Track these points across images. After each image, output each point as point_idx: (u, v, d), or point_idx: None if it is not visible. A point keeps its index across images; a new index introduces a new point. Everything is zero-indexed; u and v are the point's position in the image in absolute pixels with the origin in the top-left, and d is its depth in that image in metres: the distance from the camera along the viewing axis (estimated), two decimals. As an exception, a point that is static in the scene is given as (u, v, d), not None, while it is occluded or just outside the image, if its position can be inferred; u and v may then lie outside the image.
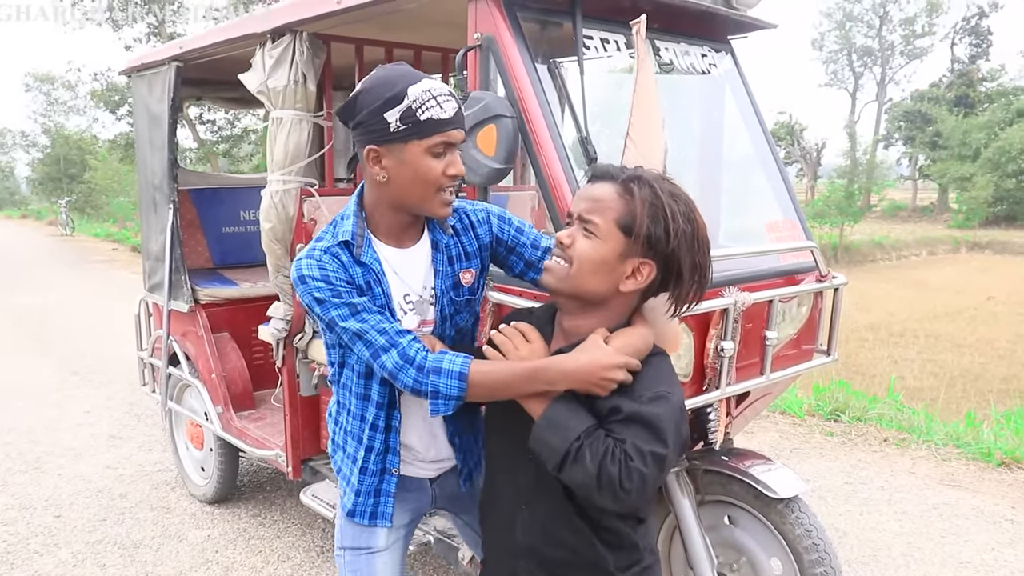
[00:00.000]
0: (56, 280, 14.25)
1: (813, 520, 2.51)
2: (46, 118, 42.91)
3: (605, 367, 1.59)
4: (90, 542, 3.93)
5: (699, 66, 2.98)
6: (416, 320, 1.89)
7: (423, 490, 2.05)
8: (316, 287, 1.72)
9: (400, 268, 1.86)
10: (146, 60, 4.16)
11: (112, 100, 23.02)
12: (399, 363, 1.71)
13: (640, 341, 1.67)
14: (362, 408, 1.91)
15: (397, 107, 1.67)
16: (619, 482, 1.49)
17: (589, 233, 1.61)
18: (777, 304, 2.67)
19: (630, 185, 1.60)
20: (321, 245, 1.78)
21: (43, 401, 6.43)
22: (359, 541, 2.00)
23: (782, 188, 3.07)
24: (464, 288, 1.95)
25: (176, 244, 4.06)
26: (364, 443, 1.92)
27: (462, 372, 1.69)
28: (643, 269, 1.62)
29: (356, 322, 1.72)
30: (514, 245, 1.99)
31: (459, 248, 1.94)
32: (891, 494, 4.55)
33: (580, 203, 1.65)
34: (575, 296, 1.67)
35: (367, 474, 1.94)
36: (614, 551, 1.71)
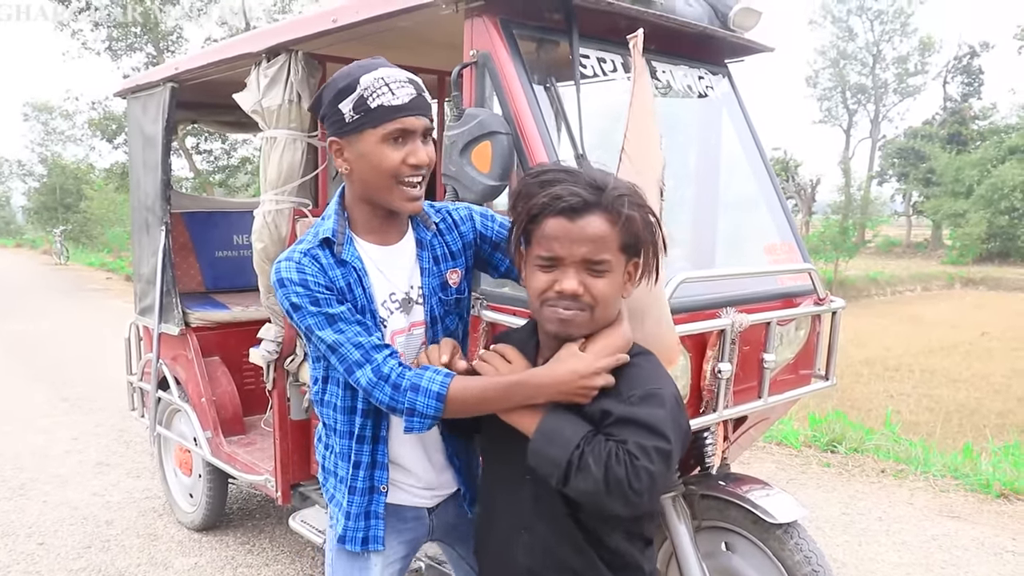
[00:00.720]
0: (49, 308, 14.18)
1: (813, 546, 2.45)
2: (43, 147, 43.11)
3: (582, 375, 1.55)
4: (73, 570, 3.85)
5: (696, 88, 2.97)
6: (405, 321, 1.83)
7: (420, 520, 1.96)
8: (294, 291, 1.67)
9: (384, 266, 1.80)
10: (141, 81, 4.16)
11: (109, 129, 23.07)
12: (373, 380, 1.66)
13: (619, 340, 1.63)
14: (349, 423, 1.84)
15: (349, 97, 1.65)
16: (628, 483, 1.43)
17: (602, 272, 1.55)
18: (775, 327, 2.64)
19: (618, 210, 1.54)
20: (301, 247, 1.73)
21: (31, 427, 6.34)
22: (352, 571, 1.90)
23: (779, 211, 3.05)
24: (452, 288, 1.89)
25: (168, 266, 4.02)
26: (351, 459, 1.85)
27: (440, 392, 1.64)
28: (631, 269, 1.63)
29: (332, 333, 1.67)
30: (499, 241, 1.94)
31: (444, 247, 1.89)
32: (889, 524, 4.49)
33: (577, 247, 1.53)
34: (595, 329, 1.62)
35: (356, 493, 1.86)
36: (618, 573, 1.66)
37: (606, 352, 1.59)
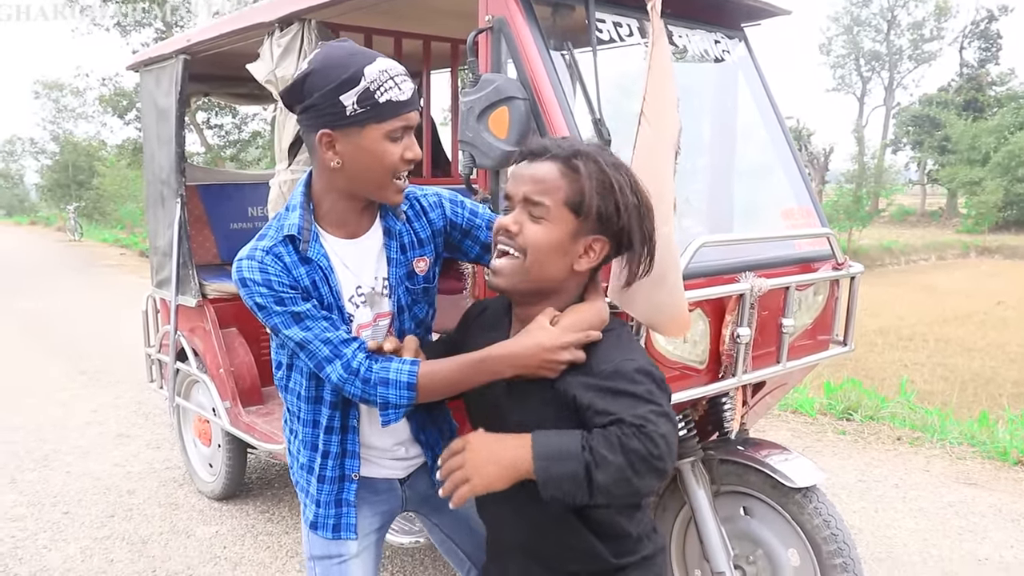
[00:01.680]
0: (64, 284, 14.28)
1: (831, 510, 2.46)
2: (55, 125, 43.13)
3: (548, 348, 1.53)
4: (98, 538, 3.90)
5: (713, 52, 2.94)
6: (370, 314, 1.80)
7: (392, 491, 1.96)
8: (258, 292, 1.63)
9: (350, 260, 1.77)
10: (153, 54, 4.15)
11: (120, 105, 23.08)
12: (343, 375, 1.65)
13: (593, 315, 1.60)
14: (314, 412, 1.82)
15: (353, 89, 1.58)
16: (649, 453, 1.40)
17: (538, 217, 1.54)
18: (793, 292, 2.63)
19: (574, 161, 1.53)
20: (263, 244, 1.68)
21: (50, 400, 6.41)
22: (328, 550, 1.90)
23: (797, 176, 3.02)
24: (419, 277, 1.86)
25: (184, 238, 4.03)
26: (320, 449, 1.83)
27: (410, 382, 1.64)
28: (596, 246, 1.57)
29: (300, 330, 1.65)
30: (469, 228, 1.92)
31: (412, 235, 1.86)
32: (906, 492, 4.49)
33: (522, 185, 1.56)
34: (532, 287, 1.60)
35: (325, 482, 1.85)
36: (606, 541, 1.64)
37: (576, 327, 1.56)
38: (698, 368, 2.42)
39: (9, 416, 5.96)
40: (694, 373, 2.42)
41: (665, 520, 2.85)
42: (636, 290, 1.93)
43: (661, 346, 2.27)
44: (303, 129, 1.70)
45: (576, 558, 1.64)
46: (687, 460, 2.61)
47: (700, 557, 2.74)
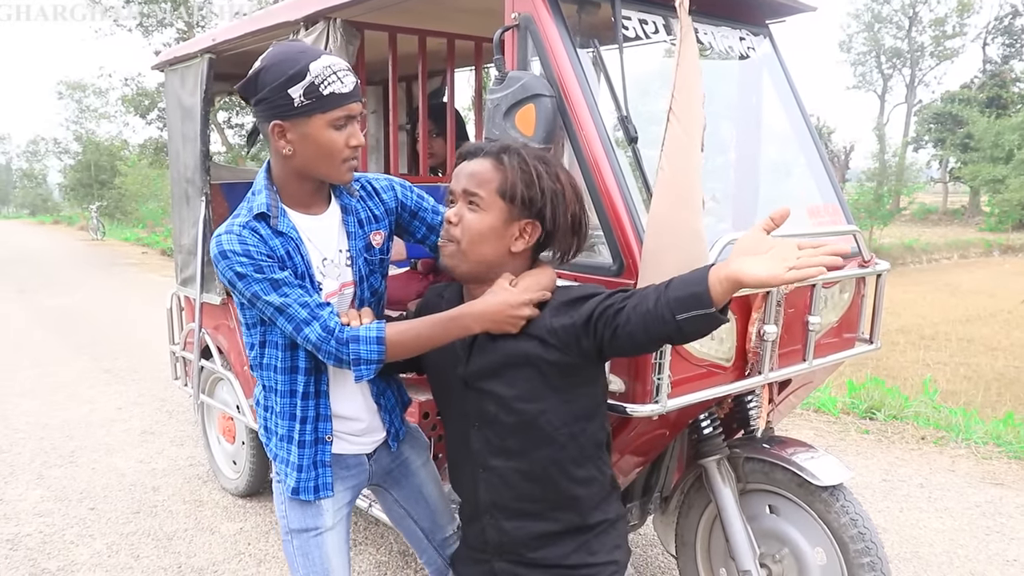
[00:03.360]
0: (87, 283, 14.42)
1: (858, 509, 2.44)
2: (78, 125, 43.57)
3: (512, 305, 1.74)
4: (124, 533, 3.94)
5: (738, 49, 2.93)
6: (336, 283, 1.97)
7: (361, 466, 2.12)
8: (238, 262, 1.76)
9: (314, 235, 1.92)
10: (179, 53, 4.17)
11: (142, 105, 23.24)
12: (322, 335, 1.79)
13: (544, 278, 1.83)
14: (290, 383, 1.96)
15: (300, 83, 1.74)
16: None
17: (474, 206, 1.77)
18: (820, 289, 2.61)
19: (501, 156, 1.78)
20: (239, 221, 1.82)
21: (76, 398, 6.48)
22: (306, 522, 2.04)
23: (822, 172, 3.01)
24: (376, 249, 2.05)
25: (208, 237, 4.06)
26: (298, 416, 1.97)
27: (379, 336, 1.81)
28: (528, 228, 1.80)
29: (278, 296, 1.78)
30: (416, 210, 2.12)
31: (367, 211, 2.04)
32: (931, 491, 4.46)
33: (460, 181, 1.81)
34: (474, 268, 1.81)
35: (304, 447, 1.99)
36: (582, 487, 1.84)
37: (533, 288, 1.78)
38: (724, 366, 2.41)
39: (37, 413, 6.03)
40: (720, 371, 2.41)
41: (690, 518, 2.84)
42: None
43: (688, 343, 2.27)
44: (258, 120, 1.87)
45: (548, 513, 1.83)
46: (713, 458, 2.60)
47: (725, 555, 2.74)
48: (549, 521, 1.82)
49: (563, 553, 1.83)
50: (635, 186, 2.26)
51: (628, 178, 2.23)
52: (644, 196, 2.27)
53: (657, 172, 1.98)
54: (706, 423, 2.62)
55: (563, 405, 1.78)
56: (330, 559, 2.05)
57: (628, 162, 2.31)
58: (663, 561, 3.59)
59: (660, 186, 1.97)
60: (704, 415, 2.61)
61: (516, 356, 1.78)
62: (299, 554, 2.05)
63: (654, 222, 1.98)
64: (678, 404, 2.22)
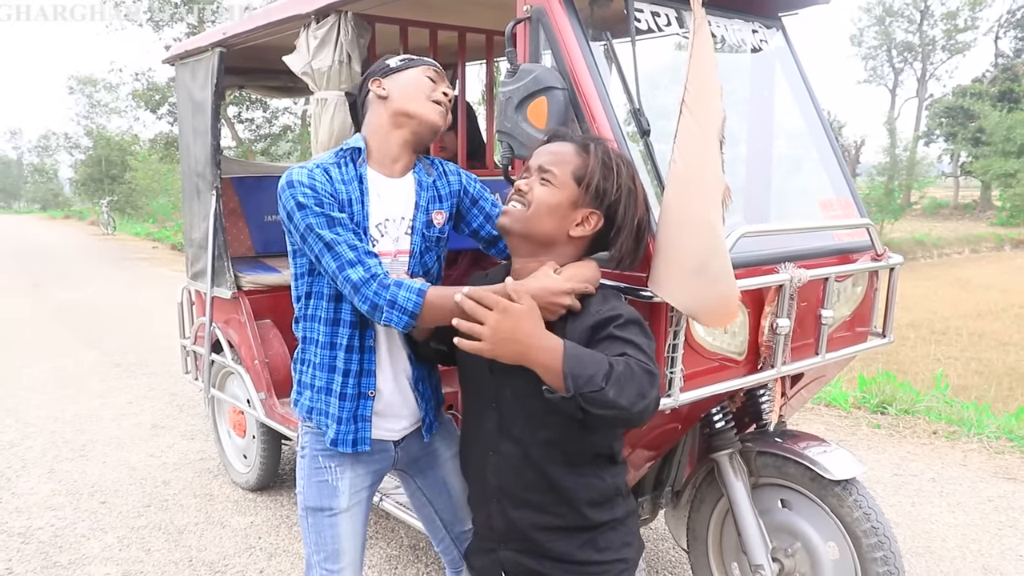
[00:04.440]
0: (98, 277, 14.48)
1: (872, 503, 2.43)
2: (88, 120, 43.71)
3: (554, 292, 1.71)
4: (135, 527, 3.96)
5: (750, 42, 2.91)
6: (392, 246, 2.04)
7: (386, 452, 2.14)
8: (302, 191, 1.86)
9: (384, 193, 2.02)
10: (190, 47, 4.18)
11: (153, 100, 23.24)
12: (364, 277, 1.82)
13: (589, 271, 1.82)
14: (332, 335, 2.00)
15: (396, 57, 2.12)
16: (647, 385, 1.58)
17: (546, 182, 1.78)
18: (833, 283, 2.60)
19: (587, 144, 1.82)
20: (314, 161, 1.96)
21: (86, 391, 6.51)
22: (322, 501, 2.07)
23: (835, 166, 2.99)
24: (435, 227, 2.11)
25: (219, 231, 4.06)
26: (340, 368, 2.01)
27: (421, 289, 1.83)
28: (591, 218, 1.80)
29: (330, 232, 1.85)
30: (478, 198, 2.21)
31: (435, 190, 2.13)
32: (943, 486, 4.44)
33: (540, 157, 1.83)
34: (529, 236, 1.81)
35: (346, 399, 2.02)
36: (582, 489, 1.80)
37: (576, 279, 1.76)
38: (737, 359, 2.40)
39: (48, 406, 6.06)
40: (733, 364, 2.40)
41: (702, 512, 2.84)
42: (674, 278, 1.94)
43: (700, 337, 2.26)
44: (363, 99, 2.13)
45: (551, 507, 1.81)
46: (725, 452, 2.59)
47: (737, 550, 2.73)
48: (552, 515, 1.81)
49: (569, 548, 1.81)
50: (647, 179, 2.24)
51: (641, 171, 2.21)
52: (656, 189, 2.26)
53: (669, 164, 1.97)
54: (718, 417, 2.61)
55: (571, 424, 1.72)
56: (340, 540, 2.08)
57: (640, 155, 2.29)
58: (674, 555, 3.58)
59: (672, 179, 1.95)
60: (716, 409, 2.60)
61: None
62: (312, 531, 2.10)
63: (666, 215, 1.96)
64: (691, 398, 2.21)
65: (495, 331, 1.59)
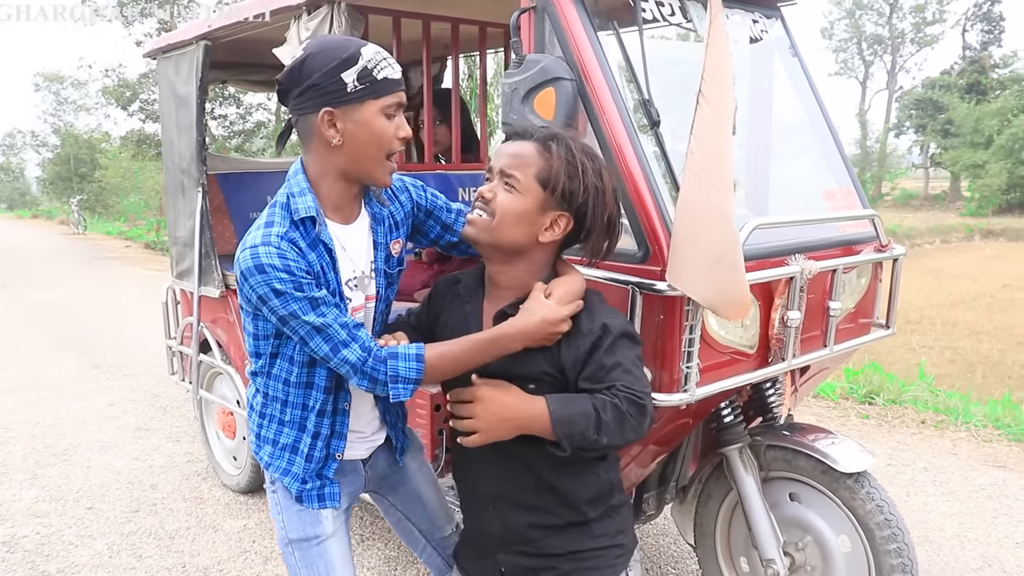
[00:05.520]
0: (72, 277, 14.24)
1: (884, 495, 2.42)
2: (56, 118, 42.96)
3: (552, 322, 1.68)
4: (124, 533, 3.87)
5: (750, 32, 2.88)
6: (362, 297, 1.90)
7: (357, 472, 2.05)
8: (277, 278, 1.63)
9: (348, 246, 1.84)
10: (172, 40, 4.08)
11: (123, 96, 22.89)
12: (361, 355, 1.70)
13: (575, 286, 1.77)
14: (303, 396, 1.87)
15: (353, 67, 1.67)
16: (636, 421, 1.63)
17: (510, 187, 1.70)
18: (840, 274, 2.58)
19: (549, 143, 1.71)
20: (277, 231, 1.69)
21: (66, 394, 6.38)
22: (306, 531, 1.96)
23: (836, 157, 2.97)
24: (394, 259, 1.97)
25: (206, 228, 3.98)
26: (310, 430, 1.89)
27: (419, 354, 1.72)
28: (560, 221, 1.73)
29: (317, 316, 1.67)
30: (432, 209, 2.05)
31: (391, 219, 1.96)
32: (935, 475, 4.46)
33: (501, 159, 1.74)
34: (497, 247, 1.75)
35: (312, 461, 1.92)
36: (579, 488, 1.78)
37: (568, 299, 1.72)
38: (748, 353, 2.37)
39: (27, 410, 5.93)
40: (744, 358, 2.37)
41: (709, 507, 2.81)
42: (693, 270, 1.90)
43: (713, 330, 2.22)
44: (299, 113, 1.74)
45: (548, 507, 1.79)
46: (734, 446, 2.57)
47: (745, 544, 2.71)
48: (550, 515, 1.79)
49: (566, 542, 1.80)
50: (658, 172, 2.21)
51: (651, 163, 2.18)
52: (667, 181, 2.22)
53: (687, 156, 1.93)
54: (727, 411, 2.59)
55: None
56: (335, 567, 1.98)
57: (650, 146, 2.26)
58: (675, 550, 3.56)
59: (690, 170, 1.92)
60: (725, 403, 2.58)
61: (535, 369, 1.73)
62: (302, 565, 1.97)
63: (684, 207, 1.93)
64: (706, 392, 2.18)
65: (482, 418, 1.67)
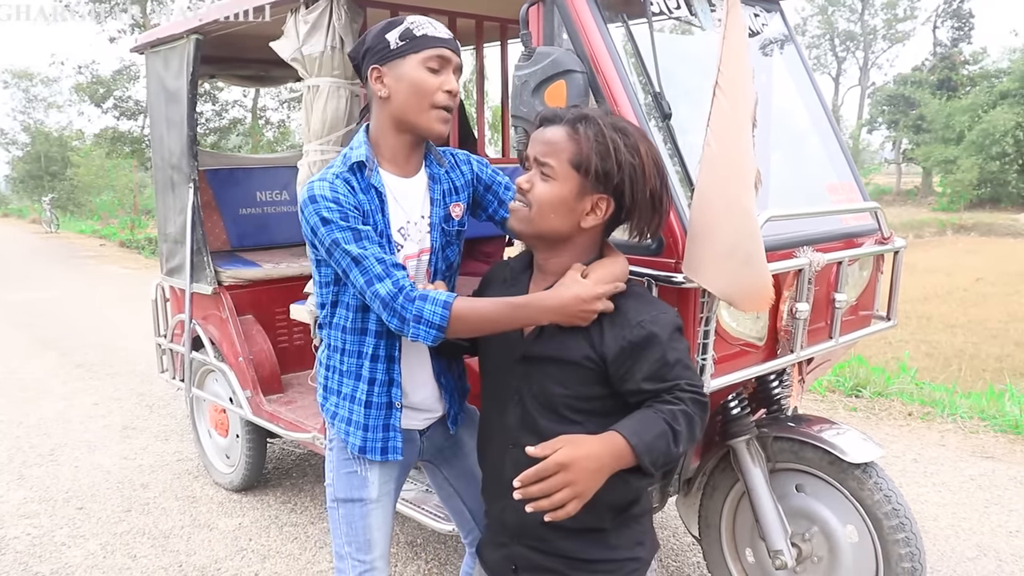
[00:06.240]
0: (47, 277, 14.03)
1: (891, 485, 2.43)
2: (25, 115, 42.30)
3: (584, 299, 1.65)
4: (117, 533, 3.82)
5: (752, 26, 2.89)
6: (416, 247, 1.98)
7: (412, 442, 2.09)
8: (326, 206, 1.78)
9: (401, 196, 1.94)
10: (162, 35, 4.03)
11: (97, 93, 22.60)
12: (392, 291, 1.76)
13: (617, 268, 1.74)
14: (359, 343, 1.96)
15: (396, 28, 1.87)
16: (702, 421, 1.61)
17: (546, 176, 1.68)
18: (845, 266, 2.59)
19: (577, 125, 1.67)
20: (333, 171, 1.87)
21: (49, 394, 6.29)
22: (351, 493, 2.04)
23: (837, 151, 2.99)
24: (454, 220, 2.05)
25: (197, 224, 3.94)
26: (366, 376, 1.97)
27: (447, 301, 1.76)
28: (601, 204, 1.69)
29: (357, 247, 1.78)
30: (491, 183, 2.13)
31: (450, 182, 2.05)
32: (926, 466, 4.51)
33: (535, 147, 1.72)
34: (539, 236, 1.74)
35: (372, 407, 1.99)
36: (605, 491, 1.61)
37: (606, 279, 1.69)
38: (757, 344, 2.38)
39: (8, 410, 5.84)
40: (753, 349, 2.38)
41: (715, 500, 2.82)
42: (711, 262, 1.91)
43: (725, 322, 2.23)
44: (365, 81, 1.92)
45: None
46: (742, 439, 2.58)
47: (752, 536, 2.73)
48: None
49: (580, 546, 1.75)
50: (669, 164, 2.20)
51: (664, 155, 2.18)
52: (680, 173, 2.23)
53: (703, 148, 1.93)
54: (734, 404, 2.59)
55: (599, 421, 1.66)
56: (372, 530, 2.06)
57: (663, 139, 2.25)
58: (675, 543, 3.58)
59: (707, 162, 1.92)
60: (732, 396, 2.58)
61: (578, 353, 1.69)
62: (343, 521, 2.06)
63: (701, 199, 1.93)
64: (720, 384, 2.19)
65: (579, 481, 1.52)
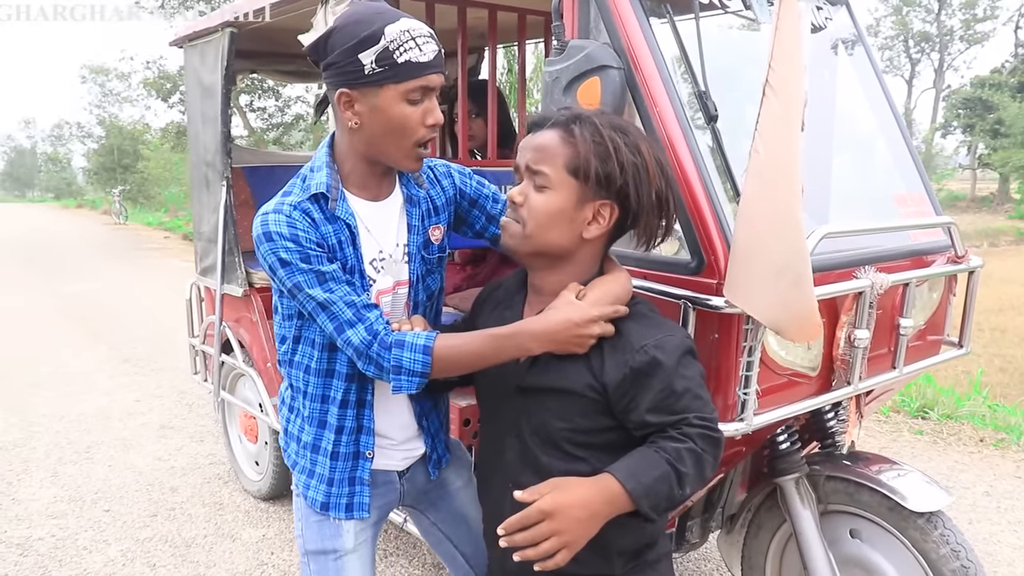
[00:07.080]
0: (109, 268, 14.29)
1: (960, 538, 2.16)
2: (101, 109, 43.56)
3: (577, 323, 1.49)
4: (140, 539, 3.72)
5: (813, 20, 2.63)
6: (390, 281, 1.76)
7: (391, 484, 1.90)
8: (284, 247, 1.56)
9: (373, 224, 1.72)
10: (198, 28, 3.91)
11: (164, 88, 23.04)
12: (366, 338, 1.58)
13: (618, 286, 1.58)
14: (324, 387, 1.75)
15: (372, 48, 1.54)
16: (714, 459, 1.46)
17: (540, 186, 1.53)
18: (913, 288, 2.33)
19: (571, 127, 1.52)
20: (290, 200, 1.61)
21: (93, 388, 6.29)
22: (324, 543, 1.82)
23: (907, 159, 2.71)
24: (434, 246, 1.84)
25: (229, 224, 3.81)
26: (332, 424, 1.76)
27: (426, 345, 1.57)
28: (603, 211, 1.54)
29: (323, 291, 1.58)
30: (476, 198, 1.91)
31: (429, 203, 1.83)
32: (999, 500, 4.16)
33: (525, 154, 1.56)
34: (538, 254, 1.57)
35: (339, 459, 1.78)
36: (617, 536, 1.53)
37: (604, 300, 1.53)
38: (809, 375, 2.13)
39: (53, 404, 5.84)
40: (804, 380, 2.13)
41: (760, 539, 2.57)
42: (756, 285, 1.68)
43: (773, 351, 1.99)
44: (328, 87, 1.66)
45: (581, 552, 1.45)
46: (791, 477, 2.33)
47: (800, 582, 2.47)
48: (574, 561, 1.45)
49: None
50: (715, 172, 1.98)
51: (707, 161, 1.95)
52: (725, 182, 1.99)
53: (750, 154, 1.70)
54: (783, 438, 2.34)
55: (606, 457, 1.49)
56: None
57: (706, 144, 2.02)
58: (718, 578, 3.33)
59: (753, 170, 1.69)
60: (781, 429, 2.34)
61: (578, 382, 1.52)
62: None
63: (747, 212, 1.70)
64: (765, 421, 1.95)
65: (566, 531, 1.39)
